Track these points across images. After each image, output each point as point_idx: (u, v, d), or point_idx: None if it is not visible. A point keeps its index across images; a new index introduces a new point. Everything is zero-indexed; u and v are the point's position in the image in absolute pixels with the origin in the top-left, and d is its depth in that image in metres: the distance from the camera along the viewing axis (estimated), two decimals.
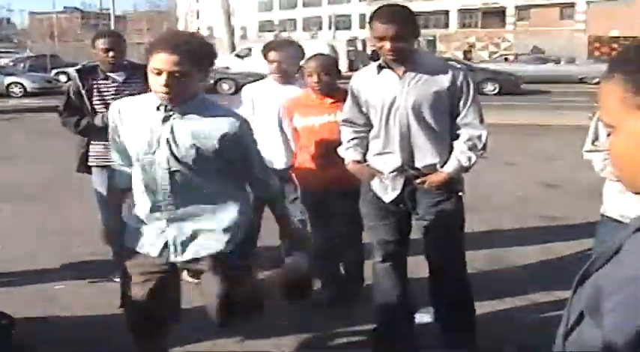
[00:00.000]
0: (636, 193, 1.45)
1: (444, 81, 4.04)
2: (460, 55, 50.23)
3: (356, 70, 5.03)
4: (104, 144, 5.51)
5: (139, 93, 5.42)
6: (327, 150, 4.84)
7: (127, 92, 5.48)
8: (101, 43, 5.45)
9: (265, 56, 5.50)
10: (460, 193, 4.28)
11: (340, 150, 4.48)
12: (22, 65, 41.91)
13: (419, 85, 4.03)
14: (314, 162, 5.06)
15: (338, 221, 5.17)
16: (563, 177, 9.83)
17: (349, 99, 4.39)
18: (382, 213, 4.37)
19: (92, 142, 5.57)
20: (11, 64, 41.98)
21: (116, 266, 5.78)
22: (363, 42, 53.69)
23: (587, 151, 4.02)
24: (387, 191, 4.28)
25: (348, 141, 4.42)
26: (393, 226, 4.38)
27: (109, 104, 5.40)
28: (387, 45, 3.92)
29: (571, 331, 1.46)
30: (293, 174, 5.35)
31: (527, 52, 45.37)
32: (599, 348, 1.28)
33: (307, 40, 63.66)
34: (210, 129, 3.30)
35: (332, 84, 5.00)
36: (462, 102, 4.07)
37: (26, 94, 30.02)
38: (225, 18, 45.03)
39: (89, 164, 5.63)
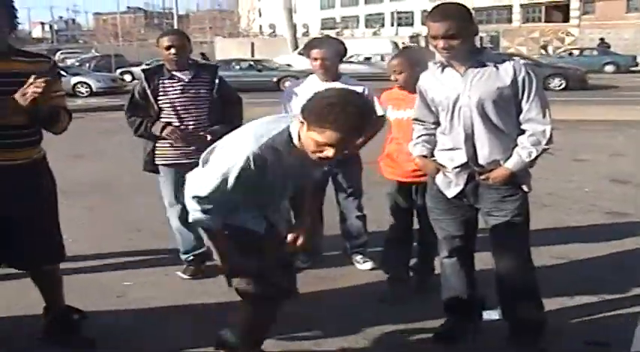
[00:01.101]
0: None
1: (505, 77, 4.03)
2: (524, 51, 49.67)
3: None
4: (170, 143, 5.58)
5: (205, 92, 5.55)
6: None
7: (193, 91, 5.55)
8: (165, 41, 5.51)
9: (307, 54, 5.53)
10: (525, 189, 4.23)
11: (410, 146, 4.54)
12: (87, 65, 42.71)
13: (481, 82, 4.04)
14: (402, 153, 5.11)
15: (421, 212, 5.20)
16: (632, 172, 9.64)
17: (418, 98, 4.46)
18: (448, 207, 4.38)
19: (159, 141, 5.62)
20: (77, 64, 42.80)
21: (185, 263, 5.91)
22: (426, 38, 53.35)
23: None
24: (450, 186, 4.29)
25: (417, 138, 4.46)
26: (459, 221, 4.39)
27: (175, 103, 5.49)
28: (441, 43, 3.95)
29: None
30: (380, 163, 5.48)
31: (592, 47, 44.67)
32: None
33: (370, 37, 63.79)
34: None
35: (414, 80, 4.86)
36: (524, 97, 4.05)
37: (92, 94, 30.54)
38: (287, 16, 45.13)
39: (156, 163, 5.69)
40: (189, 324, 4.88)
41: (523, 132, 4.11)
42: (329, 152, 3.24)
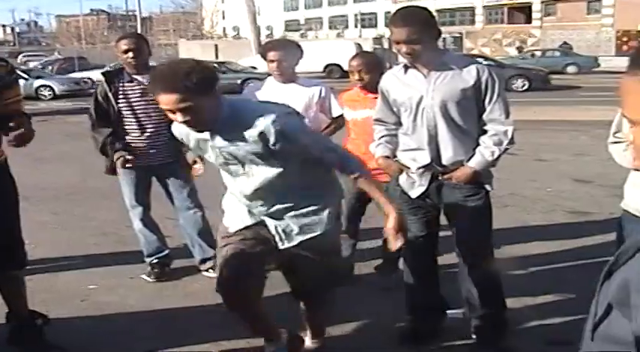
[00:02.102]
0: None
1: (469, 78, 4.07)
2: (487, 52, 50.06)
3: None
4: (130, 145, 5.57)
5: None
6: (370, 141, 4.98)
7: (153, 94, 5.52)
8: (122, 45, 5.52)
9: (264, 56, 5.55)
10: (488, 188, 4.28)
11: (371, 147, 4.56)
12: (50, 68, 42.31)
13: (444, 84, 4.07)
14: (358, 153, 5.12)
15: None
16: (594, 172, 9.74)
17: (379, 99, 4.48)
18: (411, 207, 4.38)
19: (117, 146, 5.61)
20: (40, 67, 42.42)
21: (149, 266, 5.89)
22: (389, 40, 53.50)
23: (610, 143, 3.97)
24: (414, 186, 4.33)
25: (379, 138, 4.48)
26: (423, 221, 4.41)
27: (134, 107, 5.48)
28: (404, 48, 3.98)
29: (599, 324, 1.46)
30: None
31: (554, 48, 45.16)
32: (629, 341, 1.29)
33: (334, 39, 63.90)
34: (247, 135, 3.38)
35: (374, 81, 5.09)
36: (487, 99, 4.10)
37: (55, 97, 30.28)
38: (250, 18, 45.02)
39: (116, 168, 5.66)
40: (153, 327, 4.87)
41: (485, 132, 4.16)
42: (178, 117, 3.24)
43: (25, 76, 30.55)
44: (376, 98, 4.96)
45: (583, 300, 4.99)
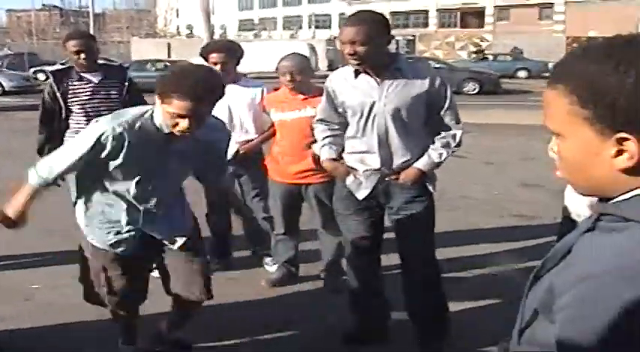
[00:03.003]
0: (585, 195, 1.50)
1: (422, 86, 4.10)
2: (440, 55, 50.45)
3: (335, 69, 5.11)
4: None
5: (116, 94, 5.49)
6: (298, 143, 5.24)
7: (103, 92, 5.50)
8: (72, 45, 5.44)
9: (205, 58, 5.57)
10: (431, 190, 4.32)
11: (315, 148, 4.63)
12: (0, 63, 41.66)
13: (397, 91, 4.10)
14: (286, 155, 5.37)
15: (316, 211, 5.52)
16: (541, 176, 9.85)
17: (324, 99, 4.48)
18: (356, 209, 4.43)
19: (67, 137, 5.54)
20: None
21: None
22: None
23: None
24: (361, 188, 4.34)
25: (323, 139, 4.50)
26: (368, 222, 4.44)
27: (85, 105, 5.43)
28: (347, 48, 3.97)
29: (525, 328, 1.50)
30: (266, 165, 5.66)
31: (506, 52, 45.67)
32: (552, 344, 1.32)
33: (287, 39, 63.91)
34: (206, 145, 3.67)
35: (304, 83, 5.31)
36: (439, 106, 4.16)
37: (4, 93, 29.82)
38: (204, 17, 44.61)
39: None
40: (98, 327, 4.82)
41: (433, 135, 4.22)
42: (183, 123, 3.28)
43: None
44: (306, 100, 5.21)
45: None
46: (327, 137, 4.48)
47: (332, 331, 4.84)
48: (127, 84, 5.62)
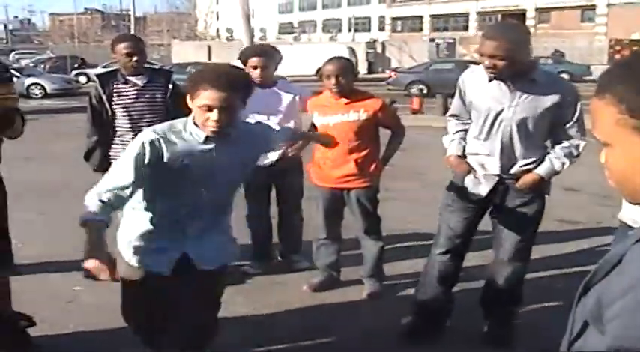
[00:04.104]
0: (634, 204, 1.48)
1: (553, 99, 4.15)
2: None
3: (375, 73, 5.09)
4: (123, 146, 5.54)
5: (160, 98, 5.52)
6: (341, 148, 5.15)
7: (148, 96, 5.52)
8: (123, 48, 5.46)
9: (244, 62, 5.57)
10: (546, 195, 4.47)
11: (445, 140, 4.72)
12: (42, 66, 42.21)
13: (528, 102, 4.16)
14: (328, 159, 5.34)
15: (358, 216, 5.52)
16: (585, 181, 9.74)
17: (457, 95, 4.61)
18: (462, 207, 4.57)
19: (114, 142, 5.58)
20: (32, 65, 42.29)
21: None
22: (383, 44, 53.56)
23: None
24: (480, 186, 4.48)
25: (455, 133, 4.66)
26: (468, 221, 4.59)
27: (129, 108, 5.46)
28: (486, 62, 4.04)
29: (575, 341, 1.47)
30: (309, 170, 5.67)
31: (547, 55, 45.25)
32: None
33: (326, 42, 63.97)
34: (252, 150, 3.63)
35: (348, 86, 5.27)
36: (567, 119, 4.23)
37: (46, 95, 30.19)
38: (244, 20, 44.75)
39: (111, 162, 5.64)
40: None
41: (557, 142, 4.33)
42: (213, 115, 3.24)
43: (17, 73, 30.48)
44: (349, 104, 5.22)
45: (568, 309, 5.06)
46: (459, 132, 4.61)
47: (370, 335, 4.87)
48: (171, 87, 5.64)
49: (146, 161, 3.30)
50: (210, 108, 3.23)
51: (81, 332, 4.88)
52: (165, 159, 3.33)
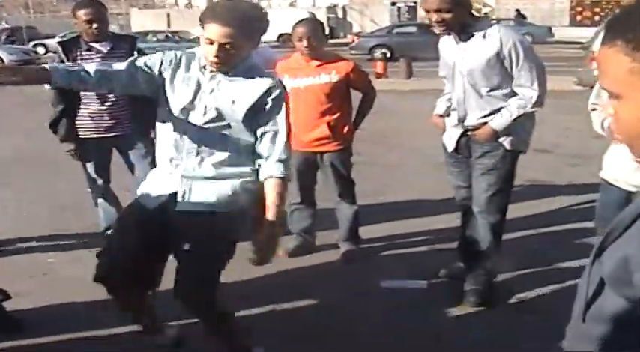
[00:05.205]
0: None
1: (492, 47, 4.29)
2: None
3: (337, 38, 5.09)
4: (90, 116, 5.44)
5: None
6: (313, 111, 5.21)
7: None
8: (83, 14, 5.33)
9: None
10: (507, 147, 4.52)
11: (437, 100, 4.98)
12: None
13: (472, 53, 4.36)
14: (300, 123, 5.12)
15: (332, 179, 5.52)
16: (551, 141, 9.78)
17: (440, 58, 4.79)
18: (454, 161, 4.85)
19: (80, 111, 5.46)
20: None
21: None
22: (344, 9, 53.33)
23: (591, 110, 4.04)
24: (449, 140, 4.77)
25: (444, 94, 4.92)
26: (465, 173, 4.79)
27: None
28: (434, 16, 4.25)
29: (591, 303, 1.41)
30: None
31: (509, 18, 45.28)
32: (624, 320, 1.28)
33: (287, 8, 63.63)
34: (249, 89, 3.36)
35: (319, 47, 5.26)
36: (513, 66, 4.32)
37: None
38: None
39: (79, 136, 5.52)
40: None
41: (514, 95, 4.43)
42: (212, 50, 3.19)
43: None
44: (320, 66, 5.21)
45: (545, 268, 5.08)
46: (447, 93, 4.85)
47: (347, 298, 4.90)
48: (135, 53, 5.52)
49: (151, 69, 3.38)
50: (211, 42, 3.19)
51: (57, 304, 4.80)
52: (167, 80, 3.37)
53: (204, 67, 3.36)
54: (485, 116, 4.47)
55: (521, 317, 4.58)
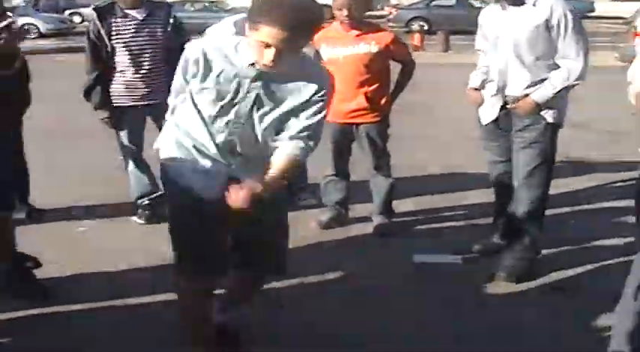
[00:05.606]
0: None
1: (542, 15, 4.24)
2: None
3: (373, 10, 5.04)
4: (125, 85, 5.40)
5: (161, 32, 5.35)
6: (351, 81, 5.11)
7: (148, 30, 5.39)
8: None
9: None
10: (549, 120, 4.45)
11: (471, 74, 4.87)
12: (34, 6, 41.57)
13: (519, 20, 4.31)
14: (337, 93, 4.97)
15: (367, 151, 5.43)
16: (586, 117, 9.61)
17: (478, 30, 4.80)
18: (491, 135, 4.79)
19: (114, 79, 5.44)
20: (23, 4, 41.66)
21: (140, 208, 5.76)
22: None
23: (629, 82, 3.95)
24: (486, 114, 4.71)
25: (479, 68, 4.84)
26: (503, 147, 4.74)
27: (129, 43, 5.29)
28: None
29: None
30: None
31: None
32: None
33: None
34: (298, 90, 3.13)
35: (360, 17, 5.14)
36: (560, 36, 4.28)
37: (41, 36, 29.75)
38: None
39: (113, 104, 5.49)
40: (146, 271, 4.81)
41: (558, 67, 4.36)
42: (268, 53, 2.89)
43: (10, 14, 30.05)
44: (359, 36, 5.13)
45: (582, 246, 4.99)
46: (482, 67, 4.79)
47: (379, 271, 4.87)
48: (171, 21, 5.48)
49: (188, 78, 3.16)
50: (268, 46, 2.89)
51: (86, 273, 4.79)
52: (205, 80, 3.11)
53: (252, 64, 3.04)
54: (527, 87, 4.39)
55: (555, 296, 4.51)
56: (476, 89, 4.78)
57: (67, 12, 38.34)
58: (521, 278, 4.63)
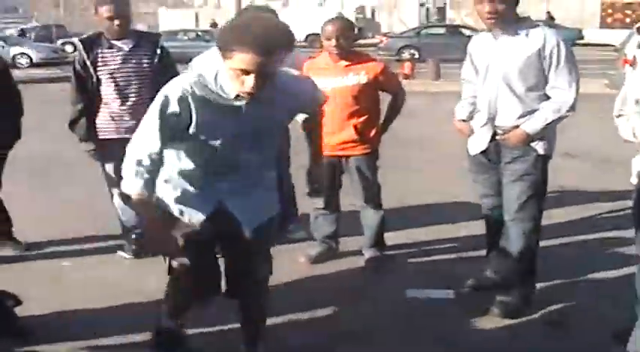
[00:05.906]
0: None
1: (534, 45, 4.18)
2: (471, 22, 49.83)
3: (364, 38, 4.98)
4: (111, 117, 5.32)
5: (147, 63, 5.27)
6: (340, 113, 5.02)
7: (134, 61, 5.30)
8: (105, 11, 5.20)
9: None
10: (540, 151, 4.36)
11: (456, 106, 4.79)
12: (27, 36, 41.70)
13: (511, 50, 4.24)
14: (326, 125, 4.92)
15: (357, 184, 5.33)
16: (577, 146, 9.56)
17: (466, 59, 4.73)
18: (480, 168, 4.68)
19: (100, 111, 5.39)
20: (17, 34, 41.78)
21: (127, 242, 5.65)
22: (372, 9, 53.20)
23: (616, 117, 3.99)
24: (476, 144, 4.59)
25: (465, 99, 4.75)
26: (492, 180, 4.64)
27: (115, 75, 5.21)
28: (487, 6, 4.13)
29: None
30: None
31: (540, 20, 44.92)
32: None
33: (315, 8, 63.63)
34: (286, 105, 3.25)
35: (348, 47, 5.06)
36: (552, 67, 4.20)
37: (33, 65, 29.81)
38: None
39: (99, 136, 5.40)
40: (133, 306, 4.68)
41: (549, 98, 4.28)
42: (248, 80, 2.87)
43: (2, 43, 30.18)
44: (348, 67, 5.04)
45: (577, 279, 4.90)
46: (468, 97, 4.71)
47: (373, 307, 4.78)
48: (159, 52, 5.39)
49: (173, 119, 3.08)
50: (245, 72, 2.86)
51: (69, 310, 4.68)
52: (193, 117, 3.07)
53: (236, 96, 3.03)
54: (518, 117, 4.30)
55: (549, 330, 4.42)
56: (464, 120, 4.71)
57: (60, 41, 38.44)
58: (516, 314, 4.53)
